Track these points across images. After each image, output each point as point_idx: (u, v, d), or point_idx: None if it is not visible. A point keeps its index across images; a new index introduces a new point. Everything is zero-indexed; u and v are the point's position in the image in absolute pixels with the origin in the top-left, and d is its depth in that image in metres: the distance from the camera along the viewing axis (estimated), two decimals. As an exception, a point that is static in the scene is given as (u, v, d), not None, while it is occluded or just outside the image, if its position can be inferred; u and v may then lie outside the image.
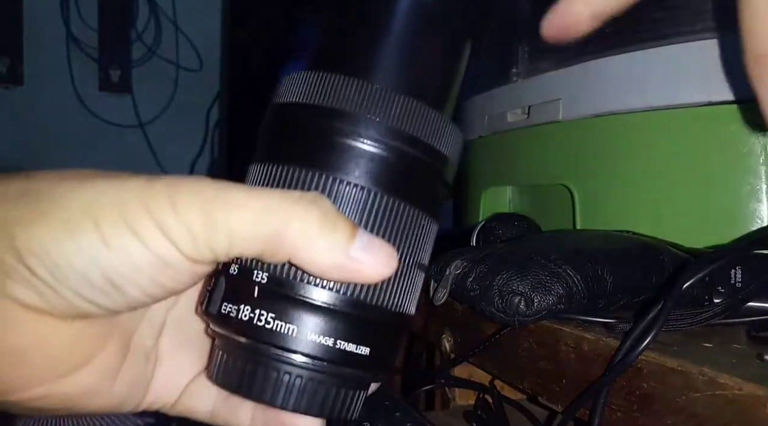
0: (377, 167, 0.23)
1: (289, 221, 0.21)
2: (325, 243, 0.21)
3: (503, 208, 0.70)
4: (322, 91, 0.23)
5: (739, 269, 0.37)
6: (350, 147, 0.22)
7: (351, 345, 0.23)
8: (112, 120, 1.52)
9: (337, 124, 0.22)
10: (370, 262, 0.22)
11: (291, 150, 0.23)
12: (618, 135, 0.53)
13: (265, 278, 0.22)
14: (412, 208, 0.23)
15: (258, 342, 0.22)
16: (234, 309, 0.22)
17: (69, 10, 1.48)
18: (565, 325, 0.36)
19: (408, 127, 0.23)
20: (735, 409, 0.26)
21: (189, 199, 0.20)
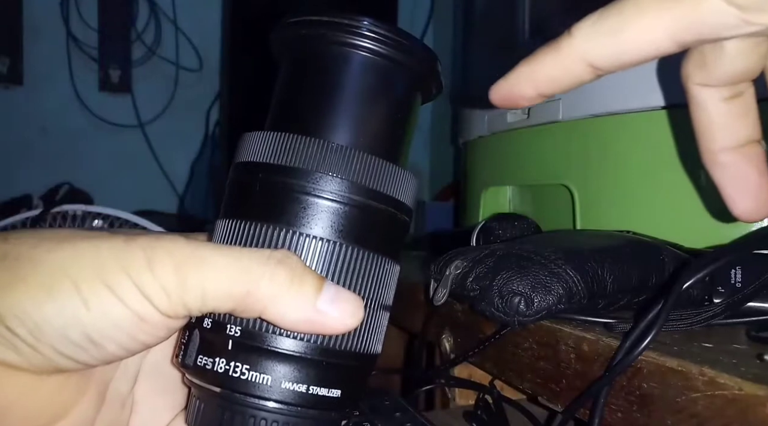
0: (338, 220, 0.24)
1: (258, 281, 0.22)
2: (293, 299, 0.22)
3: (503, 208, 0.70)
4: (283, 150, 0.24)
5: (739, 269, 0.37)
6: (311, 203, 0.24)
7: (323, 389, 0.24)
8: (112, 120, 1.52)
9: (299, 181, 0.24)
10: (337, 315, 0.23)
11: (256, 207, 0.25)
12: (618, 135, 0.53)
13: (238, 332, 0.23)
14: (374, 254, 0.25)
15: (234, 392, 0.24)
16: (210, 361, 0.24)
17: (69, 10, 1.48)
18: (565, 325, 0.36)
19: (365, 180, 0.25)
20: (735, 409, 0.26)
21: (164, 260, 0.21)
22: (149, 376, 0.28)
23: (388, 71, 0.26)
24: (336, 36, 0.25)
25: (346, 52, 0.26)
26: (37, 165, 1.45)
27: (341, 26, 0.25)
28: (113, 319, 0.21)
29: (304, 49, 0.27)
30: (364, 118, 0.26)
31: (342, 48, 0.25)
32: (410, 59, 0.26)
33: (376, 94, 0.26)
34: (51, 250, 0.22)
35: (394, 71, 0.26)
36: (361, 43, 0.25)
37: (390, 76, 0.26)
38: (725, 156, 0.29)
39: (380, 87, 0.26)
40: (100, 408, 0.25)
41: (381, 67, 0.26)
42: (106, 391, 0.25)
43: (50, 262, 0.21)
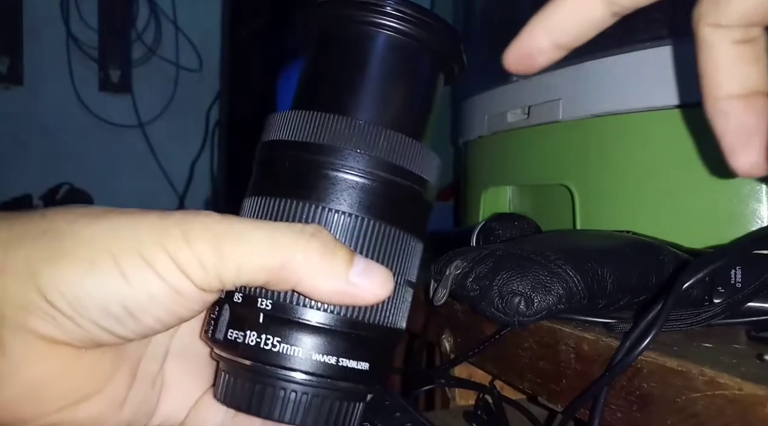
0: (365, 196, 0.25)
1: (293, 254, 0.22)
2: (326, 272, 0.23)
3: (503, 208, 0.70)
4: (311, 128, 0.25)
5: (739, 269, 0.37)
6: (339, 179, 0.25)
7: (352, 361, 0.24)
8: (112, 120, 1.52)
9: (326, 158, 0.25)
10: (368, 287, 0.23)
11: (284, 184, 0.25)
12: (618, 135, 0.53)
13: (269, 305, 0.24)
14: (399, 230, 0.25)
15: (265, 364, 0.24)
16: (240, 335, 0.24)
17: (69, 10, 1.48)
18: (565, 325, 0.36)
19: (390, 157, 0.25)
20: (735, 409, 0.26)
21: (201, 234, 0.22)
22: (178, 356, 0.28)
23: (411, 50, 0.26)
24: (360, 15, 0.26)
25: (370, 31, 0.26)
26: (37, 165, 1.45)
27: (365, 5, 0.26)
28: (151, 292, 0.22)
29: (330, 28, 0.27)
30: (388, 96, 0.26)
31: (367, 27, 0.26)
32: (433, 38, 0.26)
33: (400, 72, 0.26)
34: (89, 225, 0.22)
35: (417, 50, 0.26)
36: (385, 22, 0.26)
37: (414, 55, 0.27)
38: (730, 104, 0.28)
39: (404, 66, 0.26)
40: (132, 386, 0.25)
41: (405, 45, 0.26)
42: (137, 369, 0.26)
43: (90, 236, 0.22)
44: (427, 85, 0.27)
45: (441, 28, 0.27)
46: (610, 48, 0.54)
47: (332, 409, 0.25)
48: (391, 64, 0.26)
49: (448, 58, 0.28)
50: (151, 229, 0.22)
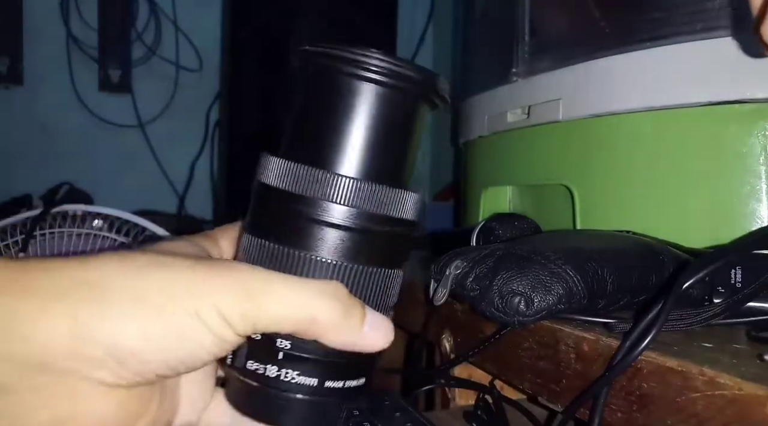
0: (351, 245, 0.28)
1: (317, 311, 0.26)
2: (344, 329, 0.27)
3: (503, 208, 0.70)
4: (301, 182, 0.28)
5: (739, 269, 0.37)
6: (320, 229, 0.28)
7: (353, 381, 0.29)
8: (112, 120, 1.51)
9: (308, 209, 0.28)
10: (376, 338, 0.28)
11: (278, 230, 0.28)
12: (618, 135, 0.53)
13: (288, 345, 0.28)
14: (382, 269, 0.29)
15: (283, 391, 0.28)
16: (261, 367, 0.28)
17: (69, 10, 1.48)
18: (565, 325, 0.36)
19: (373, 207, 0.28)
20: (735, 409, 0.26)
21: (244, 291, 0.26)
22: None
23: (396, 102, 0.29)
24: (346, 67, 0.28)
25: (356, 85, 0.28)
26: (37, 165, 1.45)
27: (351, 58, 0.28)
28: (202, 342, 0.25)
29: (318, 76, 0.29)
30: (370, 150, 0.29)
31: (352, 80, 0.28)
32: (411, 86, 0.29)
33: (383, 125, 0.29)
34: (147, 280, 0.25)
35: (402, 102, 0.29)
36: (370, 76, 0.28)
37: (398, 107, 0.29)
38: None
39: (387, 118, 0.29)
40: (161, 403, 0.28)
41: (389, 99, 0.29)
42: (165, 390, 0.29)
43: (149, 294, 0.25)
44: (408, 133, 0.30)
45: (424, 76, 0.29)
46: (610, 48, 0.54)
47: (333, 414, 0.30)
48: (373, 114, 0.29)
49: (426, 99, 0.30)
50: (200, 284, 0.25)
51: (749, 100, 0.47)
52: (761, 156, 0.47)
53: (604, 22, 0.57)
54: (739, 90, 0.47)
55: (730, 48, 0.47)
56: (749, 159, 0.47)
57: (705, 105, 0.48)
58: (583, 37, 0.59)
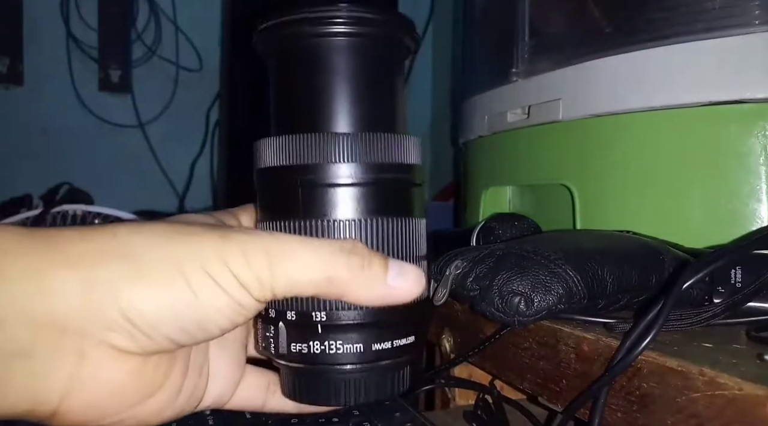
0: (363, 199, 0.28)
1: (336, 269, 0.26)
2: (367, 282, 0.26)
3: (503, 208, 0.70)
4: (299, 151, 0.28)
5: (739, 269, 0.37)
6: (336, 191, 0.27)
7: (403, 340, 0.28)
8: (112, 120, 1.51)
9: (320, 175, 0.27)
10: (405, 286, 0.27)
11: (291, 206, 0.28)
12: (618, 135, 0.53)
13: (324, 316, 0.27)
14: (401, 218, 0.28)
15: (334, 365, 0.28)
16: (304, 346, 0.28)
17: (69, 10, 1.47)
18: (565, 325, 0.36)
19: (372, 157, 0.28)
20: (735, 409, 0.26)
21: (257, 253, 0.25)
22: (217, 345, 0.31)
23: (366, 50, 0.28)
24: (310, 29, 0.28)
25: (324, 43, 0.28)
26: (37, 165, 1.44)
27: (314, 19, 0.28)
28: (218, 306, 0.25)
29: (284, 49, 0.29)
30: (356, 102, 0.28)
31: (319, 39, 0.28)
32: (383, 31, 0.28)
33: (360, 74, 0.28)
34: (161, 246, 0.25)
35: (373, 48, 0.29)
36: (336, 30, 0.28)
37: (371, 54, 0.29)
38: None
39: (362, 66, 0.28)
40: (185, 377, 0.29)
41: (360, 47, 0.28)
42: (188, 363, 0.29)
43: (161, 258, 0.25)
44: (387, 78, 0.29)
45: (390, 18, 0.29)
46: (610, 48, 0.54)
47: (387, 381, 0.29)
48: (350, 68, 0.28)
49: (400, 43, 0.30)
50: (215, 249, 0.25)
51: (749, 100, 0.47)
52: (761, 156, 0.47)
53: (604, 22, 0.57)
54: (739, 90, 0.47)
55: (730, 48, 0.47)
56: (749, 159, 0.47)
57: (705, 105, 0.48)
58: (583, 37, 0.59)
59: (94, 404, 0.25)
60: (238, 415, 0.39)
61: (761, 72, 0.47)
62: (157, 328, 0.25)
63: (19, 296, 0.23)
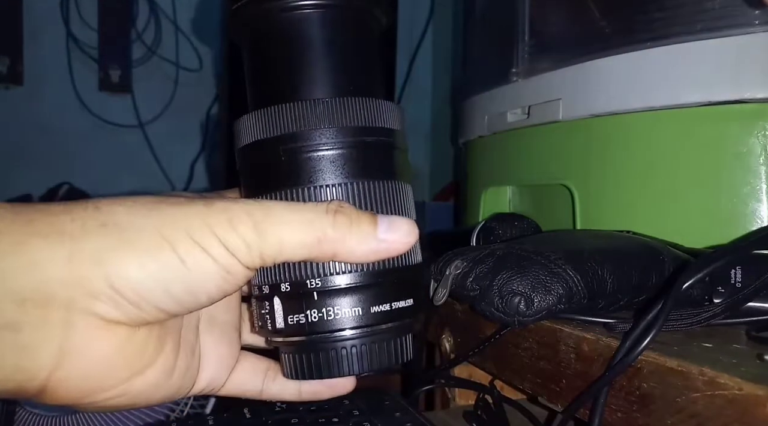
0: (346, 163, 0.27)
1: (324, 230, 0.26)
2: (357, 238, 0.26)
3: (503, 208, 0.70)
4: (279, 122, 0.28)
5: (739, 269, 0.37)
6: (319, 157, 0.27)
7: (401, 302, 0.28)
8: (112, 120, 1.51)
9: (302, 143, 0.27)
10: (397, 238, 0.27)
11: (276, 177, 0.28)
12: (618, 135, 0.53)
13: (319, 282, 0.27)
14: (386, 181, 0.28)
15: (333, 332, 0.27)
16: (302, 317, 0.27)
17: (69, 10, 1.47)
18: (565, 325, 0.36)
19: (352, 120, 0.28)
20: (735, 409, 0.26)
21: (243, 219, 0.25)
22: (208, 326, 0.31)
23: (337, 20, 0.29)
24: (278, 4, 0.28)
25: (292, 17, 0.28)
26: (37, 165, 1.44)
27: None
28: (206, 272, 0.25)
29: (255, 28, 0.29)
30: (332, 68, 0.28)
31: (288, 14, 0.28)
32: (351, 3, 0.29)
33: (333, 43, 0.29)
34: (145, 216, 0.25)
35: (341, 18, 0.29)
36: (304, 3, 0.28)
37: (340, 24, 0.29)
38: None
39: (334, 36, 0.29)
40: (177, 355, 0.28)
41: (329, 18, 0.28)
42: (180, 340, 0.29)
43: (147, 226, 0.24)
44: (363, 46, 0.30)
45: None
46: (610, 48, 0.54)
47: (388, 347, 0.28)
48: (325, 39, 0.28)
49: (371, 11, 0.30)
50: (200, 216, 0.25)
51: (749, 100, 0.47)
52: (761, 156, 0.47)
53: (604, 22, 0.57)
54: (739, 90, 0.47)
55: (730, 48, 0.47)
56: (749, 159, 0.47)
57: (705, 105, 0.48)
58: (583, 37, 0.59)
59: (84, 378, 0.25)
60: (238, 414, 0.39)
61: (761, 72, 0.47)
62: (144, 296, 0.24)
63: (3, 269, 0.23)
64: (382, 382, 0.70)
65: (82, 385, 0.25)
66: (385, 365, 0.28)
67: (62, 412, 0.88)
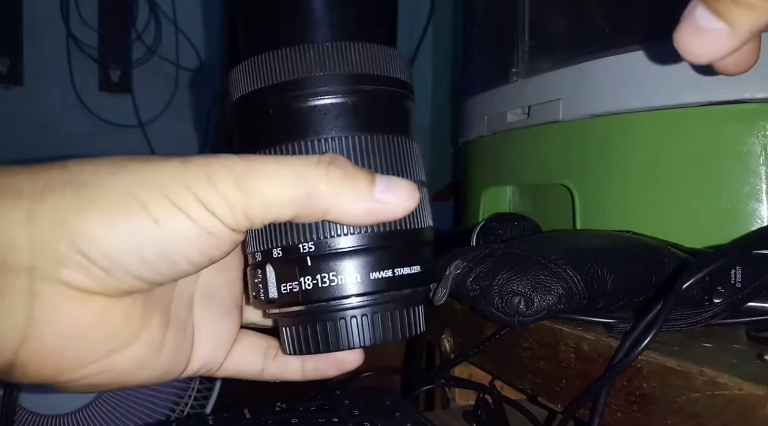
0: (351, 115, 0.25)
1: (315, 184, 0.23)
2: (351, 195, 0.23)
3: (503, 208, 0.70)
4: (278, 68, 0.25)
5: (739, 269, 0.37)
6: (322, 107, 0.24)
7: (405, 268, 0.25)
8: (112, 120, 1.51)
9: (304, 91, 0.24)
10: (395, 200, 0.24)
11: (274, 131, 0.25)
12: (618, 135, 0.53)
13: (312, 246, 0.24)
14: (393, 136, 0.26)
15: (329, 301, 0.24)
16: (295, 284, 0.25)
17: (69, 10, 1.47)
18: (565, 325, 0.36)
19: (353, 68, 0.25)
20: (735, 409, 0.26)
21: (222, 175, 0.22)
22: (204, 302, 0.29)
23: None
24: None
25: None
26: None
27: None
28: (183, 234, 0.22)
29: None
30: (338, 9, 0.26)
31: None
32: None
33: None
34: (113, 174, 0.22)
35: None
36: None
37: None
38: None
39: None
40: (166, 332, 0.26)
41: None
42: (169, 314, 0.26)
43: (115, 184, 0.22)
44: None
45: None
46: (610, 48, 0.54)
47: (395, 318, 0.25)
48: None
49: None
50: (175, 174, 0.22)
51: (749, 100, 0.47)
52: (761, 156, 0.47)
53: (604, 22, 0.57)
54: (739, 90, 0.47)
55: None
56: (749, 159, 0.47)
57: (705, 105, 0.48)
58: (583, 37, 0.59)
59: (56, 353, 0.22)
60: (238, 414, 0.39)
61: (761, 72, 0.47)
62: (115, 261, 0.22)
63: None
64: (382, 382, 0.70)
65: (56, 361, 0.23)
66: (392, 337, 0.26)
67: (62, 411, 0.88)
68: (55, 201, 0.22)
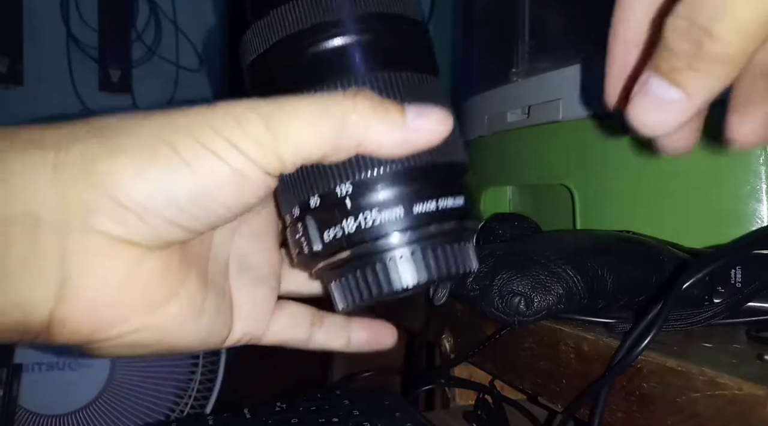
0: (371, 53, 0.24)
1: (345, 117, 0.22)
2: (384, 125, 0.23)
3: (503, 208, 0.70)
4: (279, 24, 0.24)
5: (739, 269, 0.37)
6: (333, 51, 0.24)
7: (449, 199, 0.24)
8: (112, 120, 1.52)
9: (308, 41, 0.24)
10: (429, 126, 0.23)
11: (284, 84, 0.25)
12: (618, 135, 0.53)
13: (350, 187, 0.24)
14: (415, 73, 0.25)
15: (375, 240, 0.24)
16: (339, 229, 0.24)
17: (69, 10, 1.48)
18: (565, 325, 0.36)
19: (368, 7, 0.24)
20: (735, 409, 0.26)
21: (252, 118, 0.22)
22: (237, 268, 0.28)
23: None
24: None
25: None
26: (37, 165, 1.44)
27: None
28: (217, 177, 0.22)
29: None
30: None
31: None
32: None
33: None
34: (140, 124, 0.22)
35: None
36: None
37: None
38: None
39: None
40: (205, 293, 0.25)
41: None
42: (206, 277, 0.26)
43: (143, 131, 0.22)
44: None
45: None
46: (610, 48, 0.54)
47: (446, 253, 0.25)
48: None
49: None
50: (203, 119, 0.22)
51: (749, 100, 0.47)
52: (761, 156, 0.47)
53: (604, 21, 0.57)
54: (739, 90, 0.47)
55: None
56: (749, 159, 0.47)
57: (705, 105, 0.48)
58: (583, 38, 0.59)
59: (93, 307, 0.22)
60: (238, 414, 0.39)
61: (761, 72, 0.47)
62: (147, 206, 0.21)
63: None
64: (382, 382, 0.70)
65: (93, 318, 0.22)
66: (443, 275, 0.25)
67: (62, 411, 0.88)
68: (81, 149, 0.21)
